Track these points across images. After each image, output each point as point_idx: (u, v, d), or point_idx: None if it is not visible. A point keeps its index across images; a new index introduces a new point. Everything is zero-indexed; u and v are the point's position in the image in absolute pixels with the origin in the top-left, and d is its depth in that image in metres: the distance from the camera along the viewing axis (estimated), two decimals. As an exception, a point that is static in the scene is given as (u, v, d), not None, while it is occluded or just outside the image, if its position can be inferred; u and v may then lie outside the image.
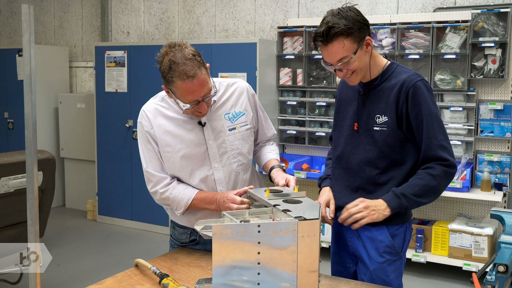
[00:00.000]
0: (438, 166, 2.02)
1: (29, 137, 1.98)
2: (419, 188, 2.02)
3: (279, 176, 2.18)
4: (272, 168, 2.26)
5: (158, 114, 2.15)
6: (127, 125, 5.76)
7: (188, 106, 2.00)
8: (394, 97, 2.04)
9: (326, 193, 2.24)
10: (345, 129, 2.19)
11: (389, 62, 2.13)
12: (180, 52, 1.94)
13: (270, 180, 2.25)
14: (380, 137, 2.07)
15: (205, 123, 2.15)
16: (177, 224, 2.30)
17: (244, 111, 2.23)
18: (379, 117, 2.07)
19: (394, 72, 2.09)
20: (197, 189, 2.16)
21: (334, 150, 2.28)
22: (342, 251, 2.27)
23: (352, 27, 1.95)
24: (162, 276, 1.89)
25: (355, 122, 2.14)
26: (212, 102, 2.11)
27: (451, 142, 4.22)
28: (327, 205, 2.20)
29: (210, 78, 2.03)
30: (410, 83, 2.02)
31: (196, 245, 2.27)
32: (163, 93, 2.20)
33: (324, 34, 1.95)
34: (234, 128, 2.19)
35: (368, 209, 2.01)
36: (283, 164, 2.32)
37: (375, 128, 2.08)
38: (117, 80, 5.81)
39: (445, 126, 2.46)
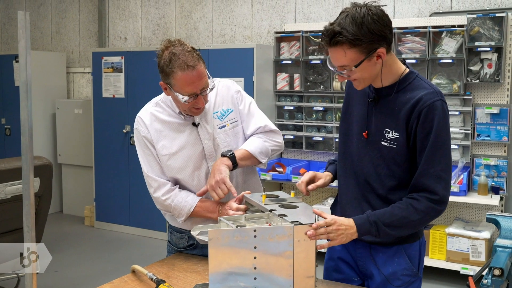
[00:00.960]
0: (425, 200, 1.82)
1: (25, 143, 1.98)
2: (397, 219, 1.83)
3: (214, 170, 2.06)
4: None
5: (153, 119, 2.19)
6: (124, 131, 5.76)
7: (187, 98, 2.02)
8: (406, 114, 1.83)
9: (325, 174, 2.10)
10: (352, 135, 2.00)
11: (407, 70, 1.91)
12: (180, 46, 2.02)
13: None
14: (388, 154, 1.88)
15: (198, 123, 2.18)
16: (175, 229, 2.31)
17: (232, 108, 2.25)
18: (388, 132, 1.87)
19: (412, 84, 1.88)
20: (198, 195, 2.17)
21: (341, 157, 2.06)
22: (343, 265, 2.09)
23: (362, 38, 1.72)
24: (159, 282, 1.90)
25: (365, 130, 1.93)
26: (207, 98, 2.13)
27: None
28: (315, 180, 2.05)
29: (207, 73, 2.07)
30: (426, 102, 1.81)
31: (194, 249, 2.28)
32: (156, 98, 2.25)
33: (327, 36, 1.76)
34: (224, 126, 2.21)
35: (337, 232, 1.78)
36: (233, 152, 2.13)
37: (383, 143, 1.88)
38: (115, 85, 5.81)
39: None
